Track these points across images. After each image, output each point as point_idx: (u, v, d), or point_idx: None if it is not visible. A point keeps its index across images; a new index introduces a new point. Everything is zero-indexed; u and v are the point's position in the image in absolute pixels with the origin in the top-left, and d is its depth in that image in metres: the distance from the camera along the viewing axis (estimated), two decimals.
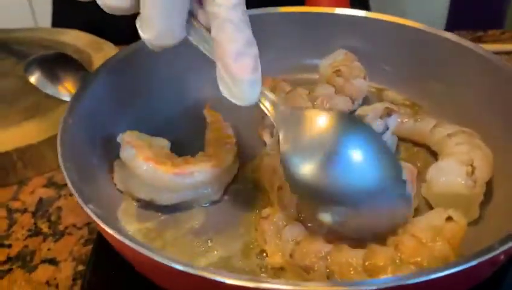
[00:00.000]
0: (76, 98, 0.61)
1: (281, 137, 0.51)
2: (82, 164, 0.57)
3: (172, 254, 0.54)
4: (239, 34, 0.46)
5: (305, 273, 0.50)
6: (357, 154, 0.51)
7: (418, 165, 0.64)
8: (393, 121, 0.63)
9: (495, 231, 0.51)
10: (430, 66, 0.72)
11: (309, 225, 0.54)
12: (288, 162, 0.50)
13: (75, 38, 0.93)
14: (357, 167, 0.51)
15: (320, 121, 0.51)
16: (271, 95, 0.51)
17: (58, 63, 0.79)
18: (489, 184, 0.60)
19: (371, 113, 0.63)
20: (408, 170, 0.57)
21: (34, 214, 0.66)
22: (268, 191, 0.60)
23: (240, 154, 0.65)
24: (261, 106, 0.51)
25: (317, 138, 0.51)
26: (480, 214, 0.58)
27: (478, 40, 0.98)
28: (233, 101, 0.47)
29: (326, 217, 0.51)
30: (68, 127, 0.57)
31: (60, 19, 1.12)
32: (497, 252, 0.43)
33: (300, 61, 0.78)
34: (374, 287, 0.40)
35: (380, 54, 0.75)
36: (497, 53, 0.93)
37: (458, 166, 0.57)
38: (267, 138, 0.66)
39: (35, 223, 0.65)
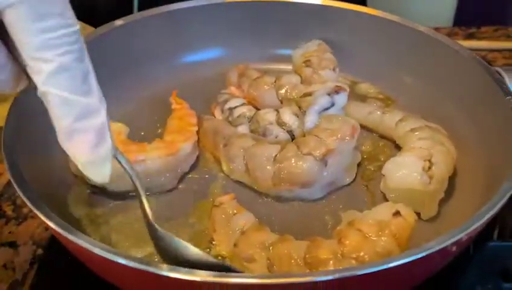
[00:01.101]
0: None
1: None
2: (34, 145, 0.56)
3: (114, 241, 0.53)
4: (65, 108, 0.39)
5: (246, 263, 0.49)
6: None
7: (382, 159, 0.63)
8: (341, 99, 0.63)
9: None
10: (405, 60, 0.71)
11: None
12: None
13: None
14: None
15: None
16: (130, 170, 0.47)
17: None
18: (452, 181, 0.59)
19: (321, 88, 0.63)
20: (349, 126, 0.58)
21: (0, 196, 0.66)
22: (214, 152, 0.62)
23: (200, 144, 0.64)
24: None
25: None
26: (441, 210, 0.57)
27: (471, 36, 0.96)
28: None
29: None
30: (20, 105, 0.57)
31: None
32: (432, 251, 0.42)
33: (276, 51, 0.77)
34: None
35: (355, 47, 0.73)
36: (490, 50, 0.92)
37: (415, 161, 0.56)
38: (218, 114, 0.67)
39: None
